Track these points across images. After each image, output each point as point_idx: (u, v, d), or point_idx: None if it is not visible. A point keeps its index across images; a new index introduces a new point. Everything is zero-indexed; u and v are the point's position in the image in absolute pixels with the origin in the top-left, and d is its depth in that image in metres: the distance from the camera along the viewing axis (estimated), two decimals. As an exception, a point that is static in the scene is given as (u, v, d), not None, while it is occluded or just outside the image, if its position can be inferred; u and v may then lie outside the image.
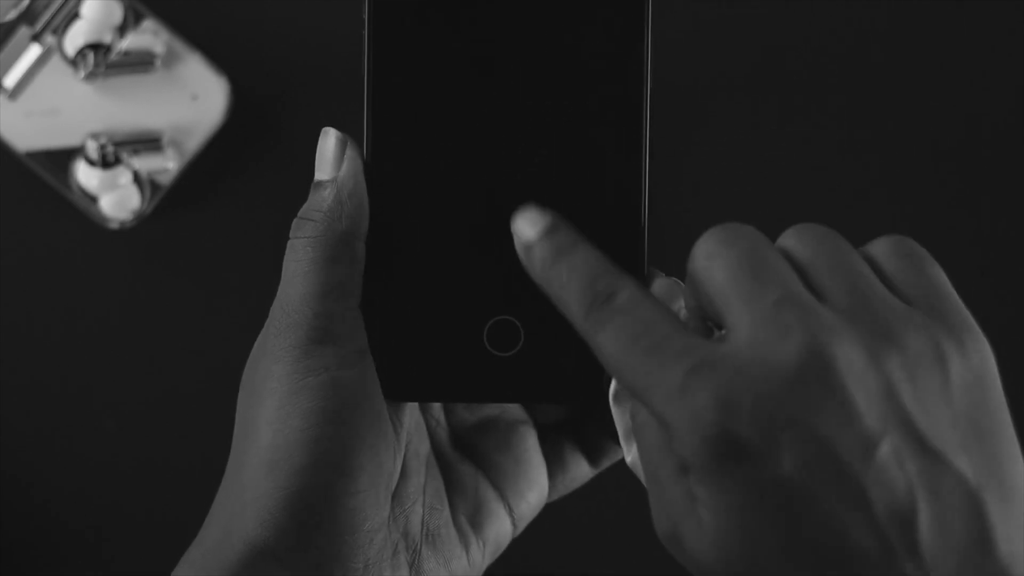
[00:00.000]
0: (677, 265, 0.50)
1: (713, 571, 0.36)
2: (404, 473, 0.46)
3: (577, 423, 0.49)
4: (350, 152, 0.46)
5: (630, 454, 0.42)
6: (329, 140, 0.46)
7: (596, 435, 0.49)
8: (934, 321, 0.37)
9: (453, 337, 0.46)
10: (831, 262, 0.37)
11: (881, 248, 0.39)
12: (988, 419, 0.36)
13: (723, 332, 0.39)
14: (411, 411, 0.47)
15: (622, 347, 0.38)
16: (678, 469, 0.37)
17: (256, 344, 0.46)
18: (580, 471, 0.49)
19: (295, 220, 0.45)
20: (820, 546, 0.34)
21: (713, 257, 0.38)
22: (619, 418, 0.43)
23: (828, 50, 0.78)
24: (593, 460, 0.49)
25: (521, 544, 0.50)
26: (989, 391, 0.36)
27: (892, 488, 0.34)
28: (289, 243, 0.45)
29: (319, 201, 0.45)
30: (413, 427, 0.47)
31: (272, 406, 0.43)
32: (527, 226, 0.43)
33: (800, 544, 0.35)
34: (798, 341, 0.35)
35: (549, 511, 0.50)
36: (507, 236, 0.46)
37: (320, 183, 0.46)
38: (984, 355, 0.37)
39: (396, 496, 0.46)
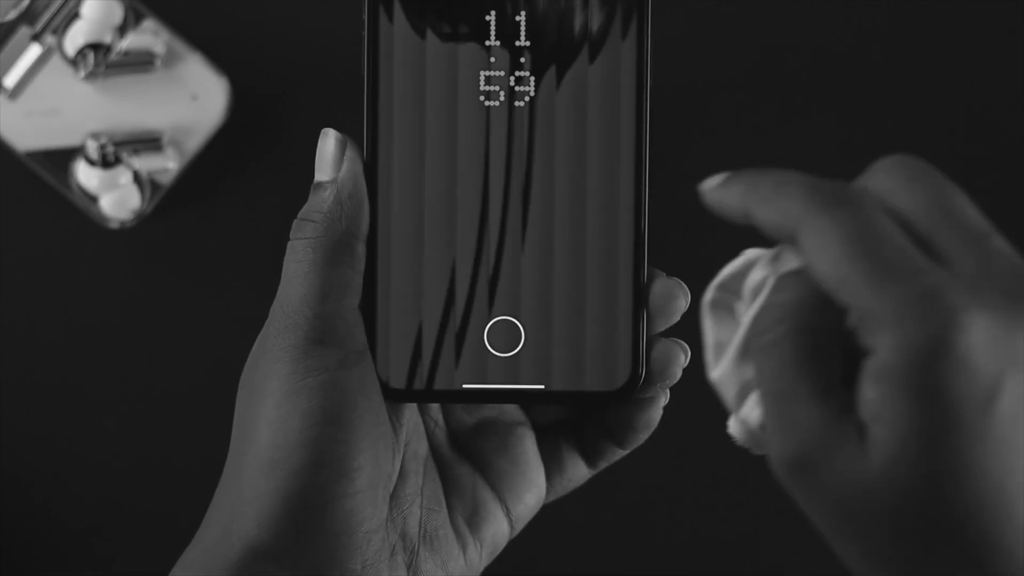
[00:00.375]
0: (677, 264, 0.50)
1: (872, 489, 0.35)
2: (402, 474, 0.46)
3: (575, 424, 0.49)
4: (350, 153, 0.46)
5: (717, 369, 0.41)
6: (329, 141, 0.46)
7: (594, 436, 0.48)
8: None
9: (453, 338, 0.46)
10: (963, 215, 0.37)
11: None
12: None
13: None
14: (410, 412, 0.47)
15: (861, 236, 0.36)
16: (831, 385, 0.36)
17: (255, 344, 0.46)
18: (578, 472, 0.49)
19: (295, 221, 0.45)
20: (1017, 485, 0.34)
21: (915, 180, 0.37)
22: (711, 328, 0.41)
23: (828, 50, 0.78)
24: (591, 461, 0.49)
25: (518, 545, 0.50)
26: None
27: None
28: (289, 244, 0.45)
29: (319, 202, 0.45)
30: (411, 428, 0.47)
31: (271, 406, 0.44)
32: (716, 178, 0.41)
33: (1000, 477, 0.34)
34: (1018, 285, 0.35)
35: (546, 512, 0.50)
36: (508, 235, 0.46)
37: (320, 184, 0.46)
38: None
39: (394, 497, 0.46)
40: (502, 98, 0.46)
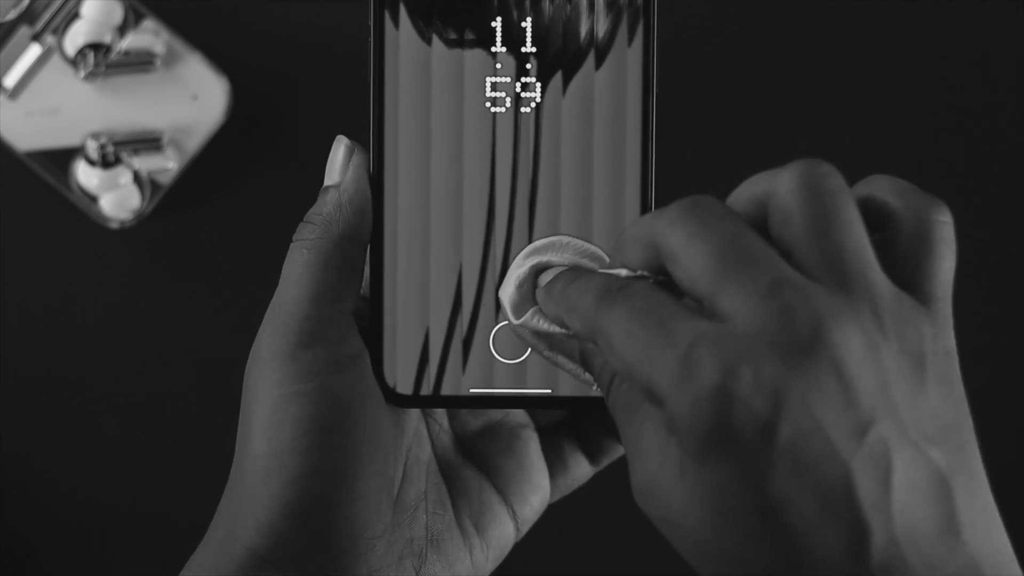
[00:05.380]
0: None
1: (684, 534, 0.36)
2: (405, 479, 0.46)
3: (576, 422, 0.49)
4: (356, 159, 0.46)
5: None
6: (339, 148, 0.46)
7: (596, 433, 0.49)
8: (918, 310, 0.37)
9: (460, 344, 0.46)
10: (817, 232, 0.37)
11: (889, 197, 0.38)
12: (956, 410, 0.36)
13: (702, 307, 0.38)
14: (410, 417, 0.47)
15: (628, 325, 0.37)
16: (666, 434, 0.37)
17: (252, 347, 0.45)
18: (581, 470, 0.49)
19: (300, 223, 0.46)
20: (793, 530, 0.34)
21: (695, 237, 0.37)
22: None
23: (828, 50, 0.78)
24: (593, 458, 0.49)
25: (523, 547, 0.50)
26: (956, 383, 0.37)
27: (875, 475, 0.34)
28: (291, 245, 0.45)
29: (321, 206, 0.45)
30: (413, 432, 0.47)
31: (264, 414, 0.43)
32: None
33: (777, 522, 0.34)
34: (802, 322, 0.34)
35: (550, 512, 0.50)
36: (515, 241, 0.46)
37: (325, 189, 0.46)
38: (953, 347, 0.37)
39: (398, 502, 0.46)
40: (508, 104, 0.46)
